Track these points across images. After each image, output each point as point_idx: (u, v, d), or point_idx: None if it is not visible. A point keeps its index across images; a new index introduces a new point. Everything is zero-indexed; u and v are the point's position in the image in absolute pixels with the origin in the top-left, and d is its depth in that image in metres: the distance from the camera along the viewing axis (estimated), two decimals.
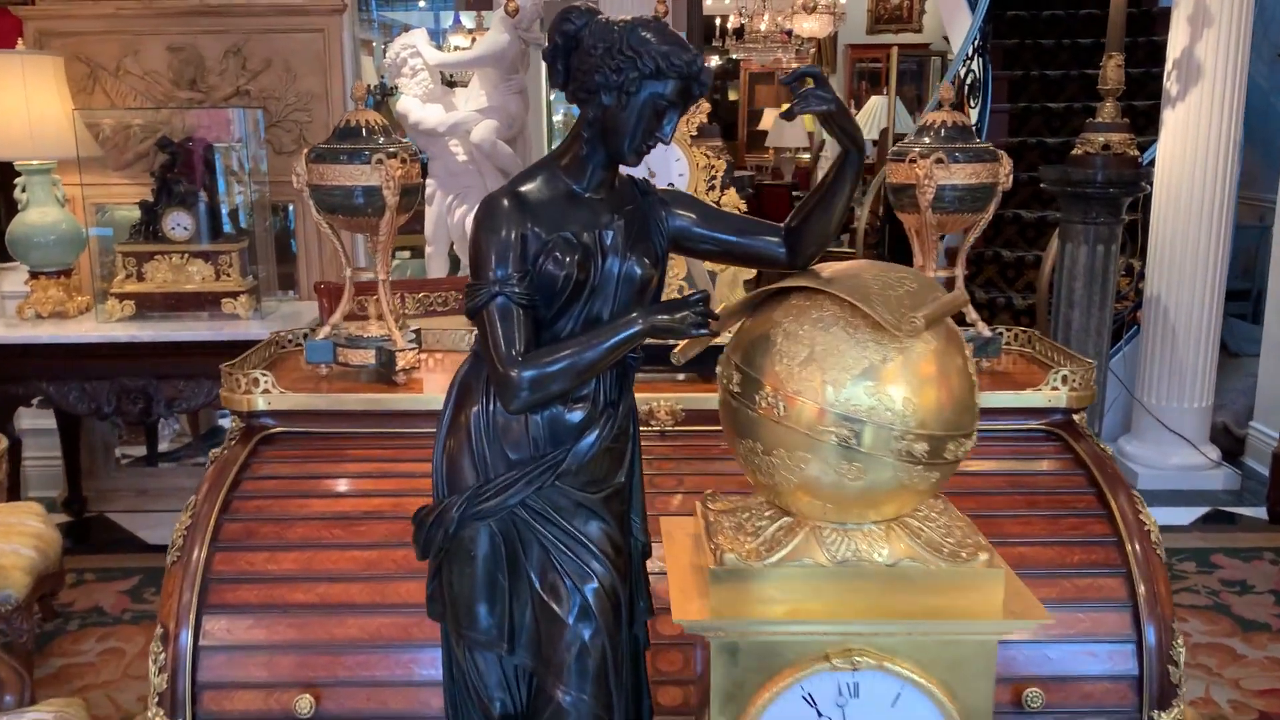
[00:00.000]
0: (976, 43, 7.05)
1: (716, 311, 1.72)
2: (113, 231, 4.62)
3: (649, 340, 1.69)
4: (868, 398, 1.54)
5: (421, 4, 11.55)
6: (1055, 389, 2.42)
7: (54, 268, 4.37)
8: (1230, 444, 5.48)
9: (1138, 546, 2.05)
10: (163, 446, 5.63)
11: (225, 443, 2.36)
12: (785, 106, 1.65)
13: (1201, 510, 4.91)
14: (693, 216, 1.82)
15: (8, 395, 4.23)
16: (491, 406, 1.74)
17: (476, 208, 1.68)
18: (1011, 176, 2.46)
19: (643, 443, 1.91)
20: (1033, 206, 6.93)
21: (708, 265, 2.57)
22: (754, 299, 1.76)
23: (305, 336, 2.75)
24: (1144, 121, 6.67)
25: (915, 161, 2.43)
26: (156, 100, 4.72)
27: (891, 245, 7.03)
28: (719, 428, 2.32)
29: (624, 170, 1.78)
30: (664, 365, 2.19)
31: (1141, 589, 2.01)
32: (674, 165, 2.52)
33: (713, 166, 2.51)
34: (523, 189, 1.70)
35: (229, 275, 4.35)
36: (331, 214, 2.49)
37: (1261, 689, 3.40)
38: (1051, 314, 5.03)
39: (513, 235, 1.64)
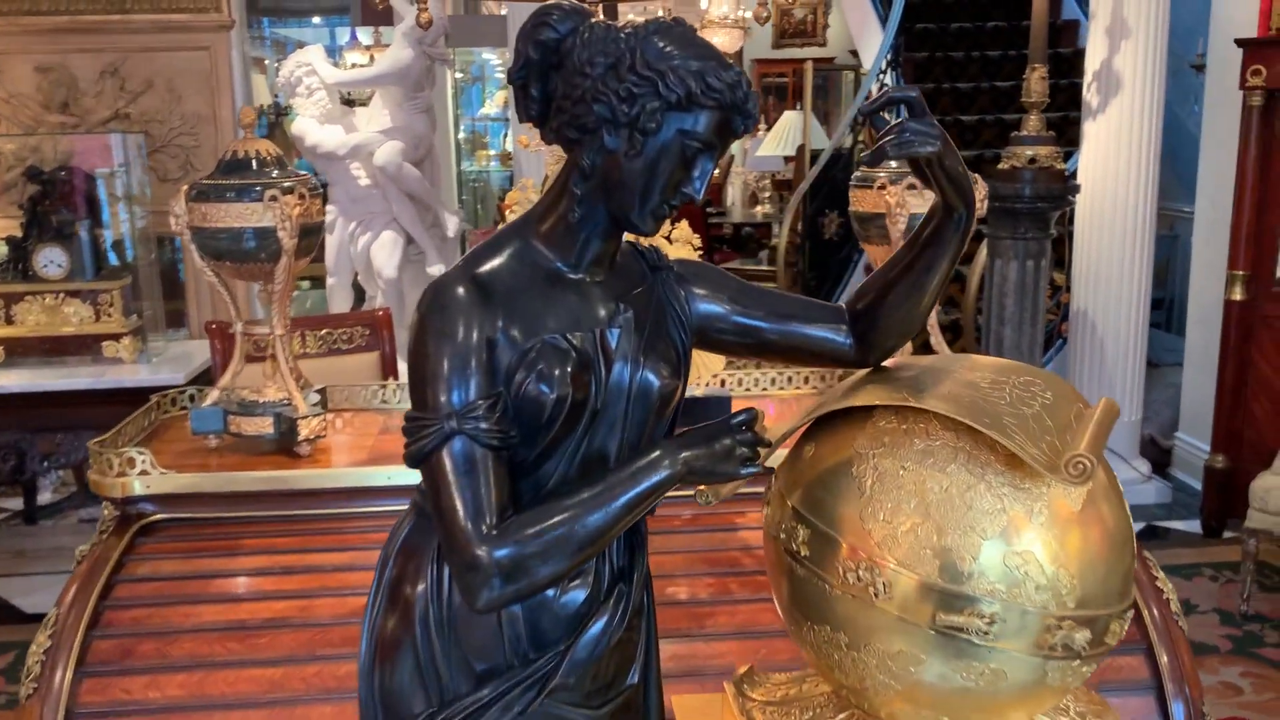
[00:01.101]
0: (889, 57, 6.99)
1: (768, 434, 1.24)
2: None
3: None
4: (1008, 569, 1.09)
5: (316, 20, 11.14)
6: None
7: None
8: (1157, 455, 5.46)
9: (1155, 613, 1.86)
10: (44, 498, 5.16)
11: (96, 535, 2.01)
12: (868, 147, 1.22)
13: (1136, 526, 4.84)
14: (723, 298, 1.34)
15: None
16: (446, 589, 1.24)
17: (420, 298, 1.18)
18: (987, 201, 2.27)
19: None
20: None
21: None
22: (815, 413, 1.29)
23: (192, 399, 2.41)
24: (1054, 133, 6.70)
25: (885, 188, 2.18)
26: (24, 125, 4.33)
27: (811, 262, 6.91)
28: (682, 493, 2.06)
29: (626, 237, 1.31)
30: None
31: (1165, 663, 1.82)
32: None
33: None
34: (485, 270, 1.19)
35: (110, 315, 3.99)
36: (218, 260, 2.14)
37: (1220, 719, 3.30)
38: (980, 331, 4.93)
39: (473, 341, 1.14)
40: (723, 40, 9.50)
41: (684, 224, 2.17)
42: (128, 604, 1.88)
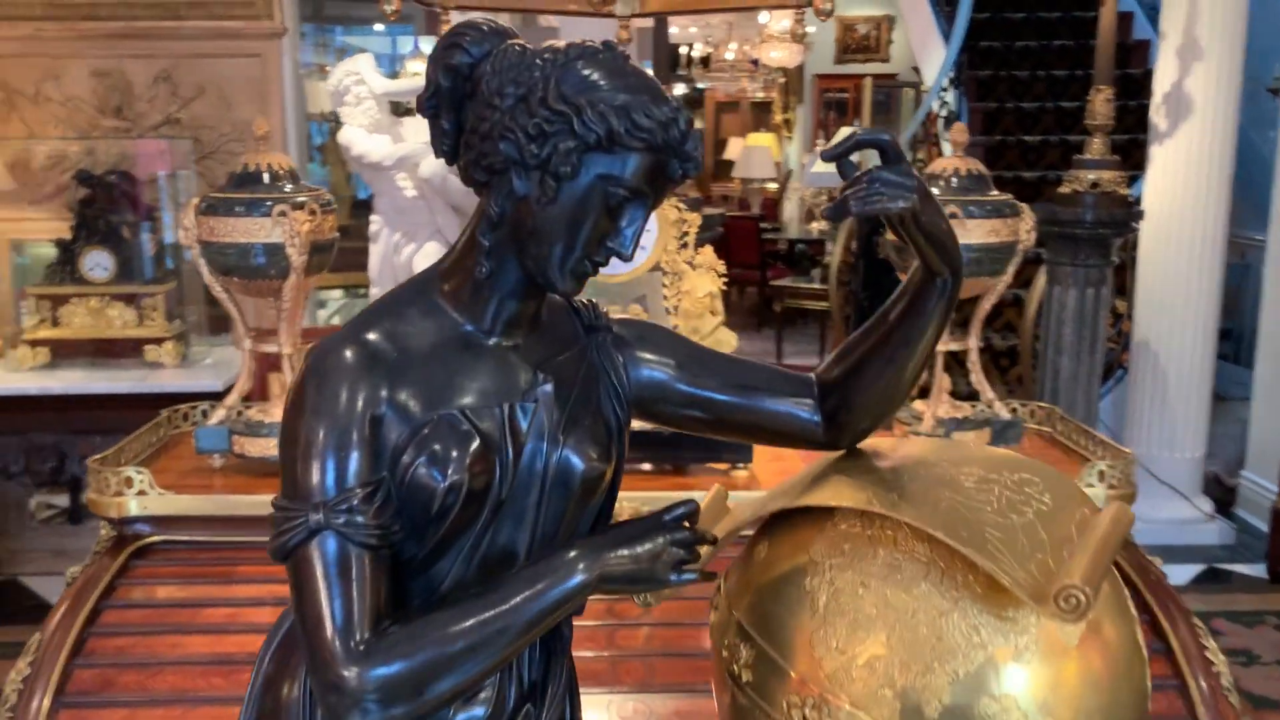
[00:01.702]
0: (951, 74, 6.84)
1: (705, 525, 1.09)
2: (41, 271, 4.25)
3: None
4: (985, 717, 0.90)
5: (379, 27, 11.23)
6: (1090, 486, 1.98)
7: None
8: (1221, 494, 5.23)
9: (1204, 686, 1.71)
10: None
11: (90, 556, 1.96)
12: (831, 195, 1.06)
13: (1197, 568, 4.64)
14: (670, 364, 1.16)
15: None
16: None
17: (302, 362, 1.03)
18: (1034, 233, 2.13)
19: None
20: None
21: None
22: (767, 506, 1.10)
23: (204, 415, 2.35)
24: (1120, 156, 6.51)
25: None
26: (79, 128, 4.37)
27: (865, 282, 6.77)
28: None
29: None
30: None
31: None
32: None
33: (684, 221, 2.11)
34: (379, 331, 1.03)
35: (153, 320, 4.01)
36: (226, 275, 2.08)
37: None
38: (1037, 359, 4.77)
39: (355, 415, 0.97)
40: (781, 55, 9.43)
41: (707, 249, 2.07)
42: (114, 631, 1.81)
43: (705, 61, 11.71)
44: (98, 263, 3.96)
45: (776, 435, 1.18)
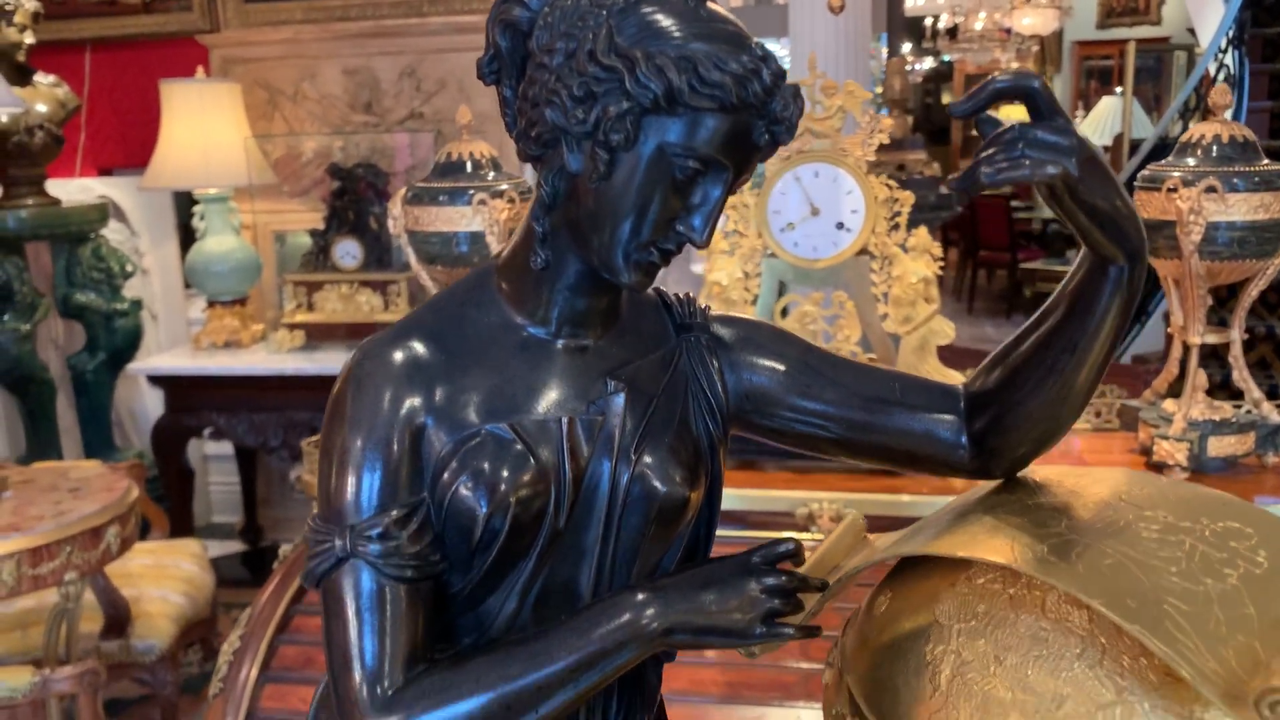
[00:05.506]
0: (1231, 33, 6.17)
1: (835, 560, 0.92)
2: (298, 258, 4.58)
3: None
4: None
5: None
6: None
7: (229, 296, 4.34)
8: None
9: None
10: None
11: (301, 536, 2.05)
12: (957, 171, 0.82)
13: None
14: (779, 372, 0.98)
15: (181, 426, 4.22)
16: None
17: (344, 367, 0.93)
18: None
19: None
20: None
21: (887, 326, 1.95)
22: (900, 547, 0.89)
23: None
24: None
25: (1176, 191, 1.81)
26: (332, 124, 4.65)
27: None
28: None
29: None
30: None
31: None
32: (844, 199, 1.96)
33: (896, 200, 1.95)
34: (429, 329, 0.91)
35: (397, 305, 4.20)
36: (431, 264, 2.11)
37: None
38: None
39: (394, 428, 0.86)
40: (1034, 21, 8.83)
41: (921, 230, 1.90)
42: (318, 610, 1.84)
43: (952, 33, 11.18)
44: (347, 251, 4.19)
45: (912, 459, 0.98)
